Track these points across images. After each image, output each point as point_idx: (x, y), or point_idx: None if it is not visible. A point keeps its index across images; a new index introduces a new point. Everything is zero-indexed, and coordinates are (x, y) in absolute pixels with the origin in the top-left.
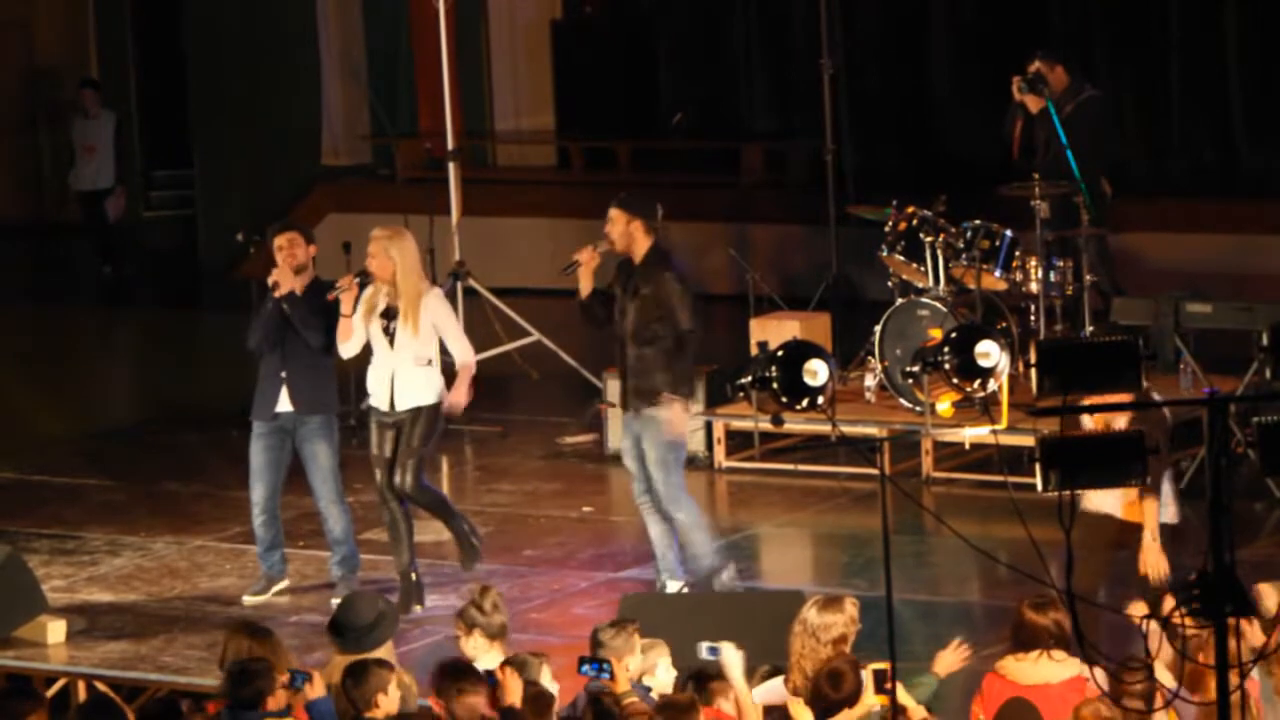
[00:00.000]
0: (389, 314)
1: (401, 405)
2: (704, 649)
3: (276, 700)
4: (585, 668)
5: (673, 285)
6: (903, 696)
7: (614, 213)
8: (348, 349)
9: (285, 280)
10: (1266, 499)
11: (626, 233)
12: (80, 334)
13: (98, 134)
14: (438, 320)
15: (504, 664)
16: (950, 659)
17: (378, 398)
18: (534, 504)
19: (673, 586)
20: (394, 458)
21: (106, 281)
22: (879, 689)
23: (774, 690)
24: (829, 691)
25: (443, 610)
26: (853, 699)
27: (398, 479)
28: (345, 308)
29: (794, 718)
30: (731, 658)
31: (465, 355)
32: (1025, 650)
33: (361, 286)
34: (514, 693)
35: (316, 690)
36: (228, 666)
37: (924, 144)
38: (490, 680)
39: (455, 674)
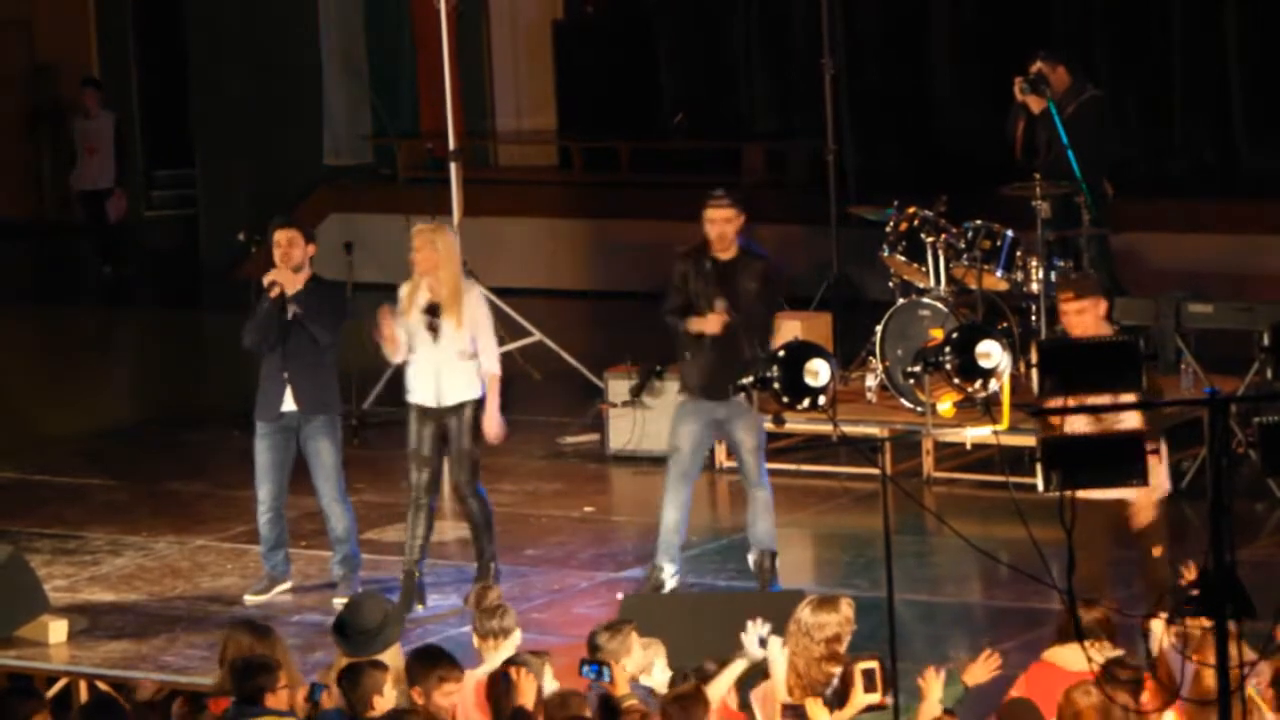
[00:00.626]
0: (432, 310)
1: (447, 400)
2: (755, 637)
3: (277, 699)
4: (585, 670)
5: (776, 278)
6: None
7: (730, 211)
8: (398, 356)
9: (286, 280)
10: (1267, 499)
11: (738, 229)
12: (81, 334)
13: (98, 134)
14: (475, 318)
15: (514, 664)
16: (980, 671)
17: (422, 393)
18: (535, 504)
19: (669, 570)
20: (438, 456)
21: (107, 281)
22: (868, 688)
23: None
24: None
25: (443, 610)
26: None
27: (458, 478)
28: (388, 343)
29: (811, 717)
30: (775, 652)
31: (492, 364)
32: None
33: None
34: (526, 694)
35: (332, 701)
36: (231, 662)
37: (925, 144)
38: (505, 679)
39: (432, 661)
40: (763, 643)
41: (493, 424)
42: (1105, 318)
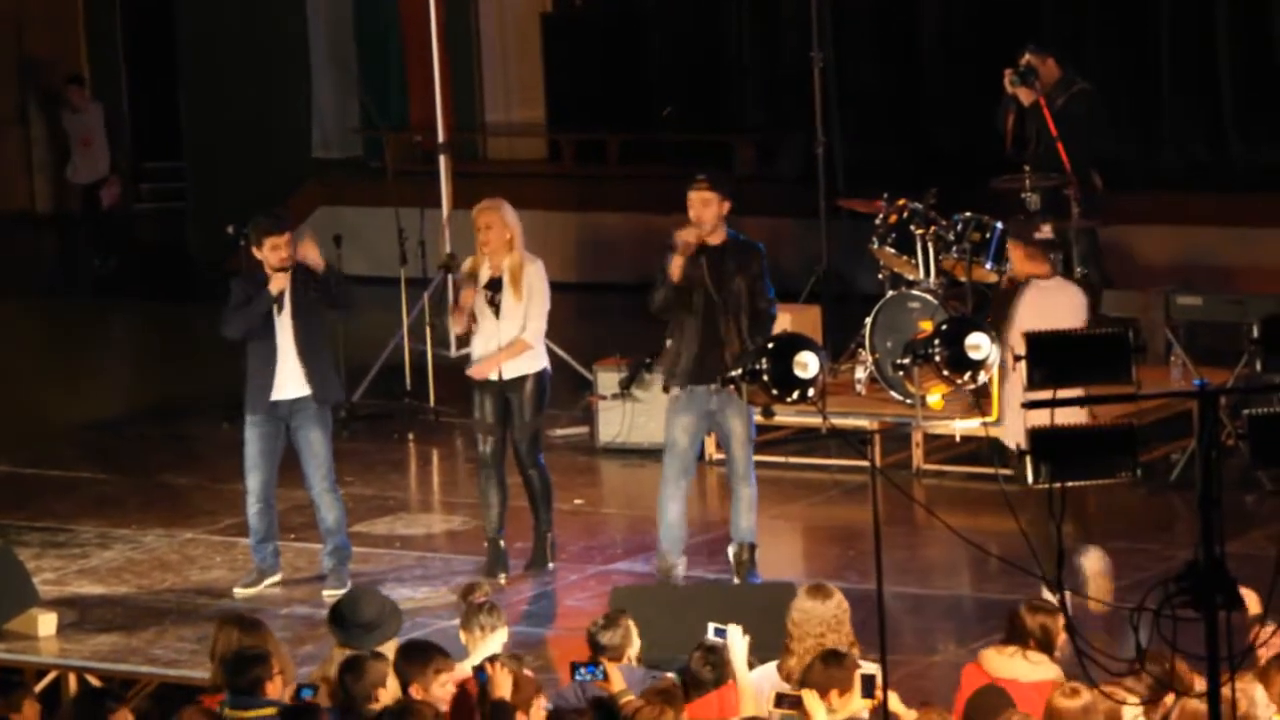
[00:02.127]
0: (493, 285)
1: (510, 374)
2: (711, 630)
3: (275, 687)
4: (580, 673)
5: (764, 266)
6: (894, 704)
7: (709, 194)
8: (460, 328)
9: (284, 281)
10: (1257, 491)
11: (719, 213)
12: (71, 326)
13: (89, 126)
14: (533, 290)
15: (491, 659)
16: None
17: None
18: (525, 497)
19: (683, 562)
20: (502, 425)
21: (99, 275)
22: (866, 693)
23: (766, 676)
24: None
25: (434, 602)
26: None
27: (519, 449)
28: (459, 308)
29: (808, 708)
30: (736, 640)
31: (534, 335)
32: (1007, 644)
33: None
34: (503, 686)
35: (321, 703)
36: (223, 657)
37: (915, 137)
38: (480, 675)
39: (424, 655)
40: (720, 634)
41: (489, 363)
42: (1029, 259)
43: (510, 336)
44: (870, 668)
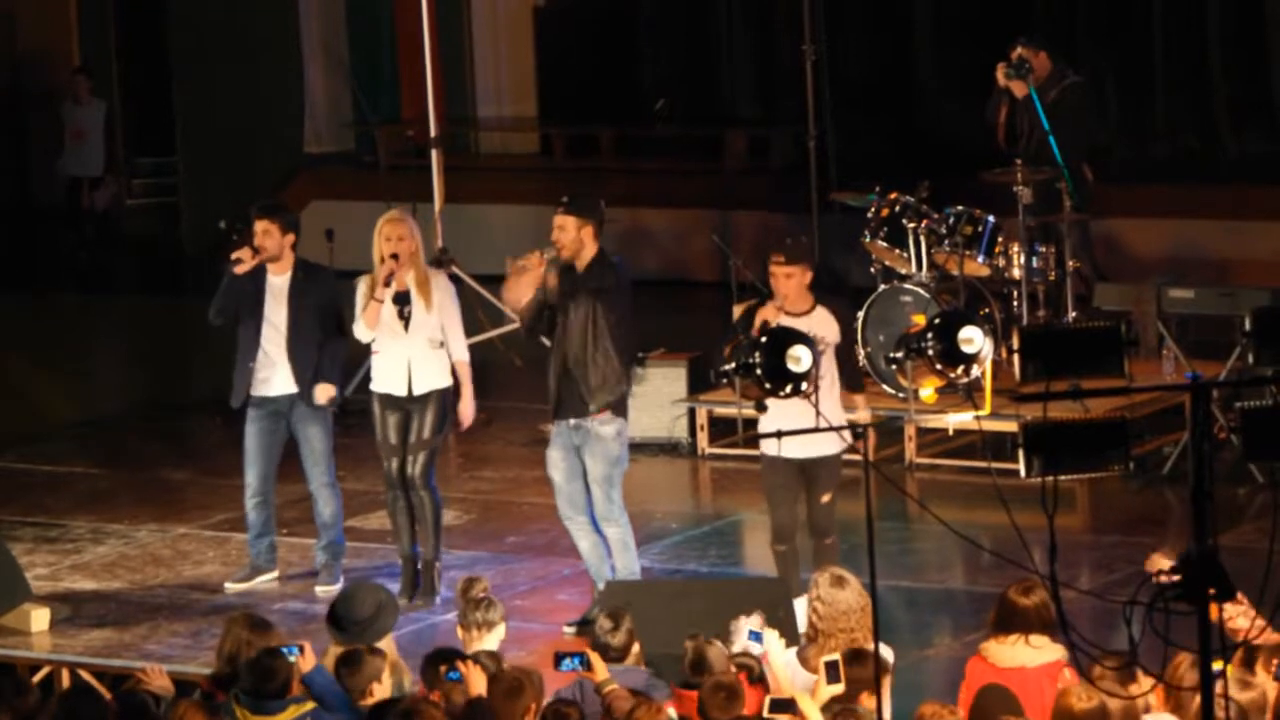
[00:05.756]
0: (401, 299)
1: (420, 389)
2: (745, 633)
3: (298, 684)
4: (565, 663)
5: (622, 296)
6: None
7: (564, 219)
8: (366, 332)
9: (247, 259)
10: (1249, 484)
11: (578, 239)
12: (63, 322)
13: (87, 120)
14: (444, 303)
15: (462, 657)
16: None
17: (393, 383)
18: (517, 491)
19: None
20: (405, 445)
21: (83, 269)
22: (831, 680)
23: (790, 664)
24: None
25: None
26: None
27: (409, 469)
28: (380, 292)
29: (803, 712)
30: (773, 645)
31: (462, 351)
32: (1006, 634)
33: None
34: (477, 684)
35: (308, 662)
36: (247, 664)
37: (907, 130)
38: (453, 675)
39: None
40: (756, 637)
41: (468, 409)
42: (808, 287)
43: (421, 347)
44: (832, 655)
